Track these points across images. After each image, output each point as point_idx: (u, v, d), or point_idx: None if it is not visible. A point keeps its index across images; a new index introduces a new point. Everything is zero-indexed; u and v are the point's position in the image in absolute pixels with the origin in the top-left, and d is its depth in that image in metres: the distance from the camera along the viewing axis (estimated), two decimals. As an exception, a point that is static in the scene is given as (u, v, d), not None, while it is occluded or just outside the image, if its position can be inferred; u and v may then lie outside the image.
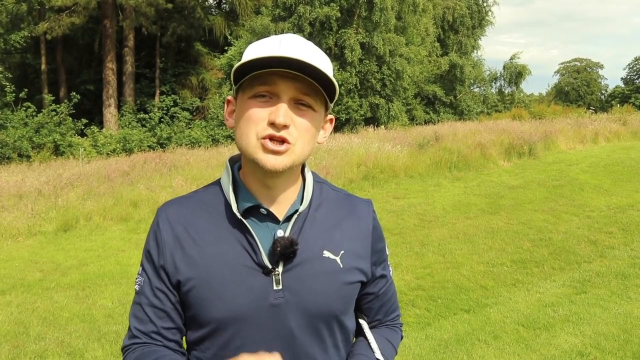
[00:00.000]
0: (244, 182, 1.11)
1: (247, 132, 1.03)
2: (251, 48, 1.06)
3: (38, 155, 19.64)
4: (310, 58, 1.00)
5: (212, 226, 1.09)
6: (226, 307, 1.05)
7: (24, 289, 5.88)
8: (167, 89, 28.27)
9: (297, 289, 1.07)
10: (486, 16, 35.37)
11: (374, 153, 12.45)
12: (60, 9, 24.77)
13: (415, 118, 29.49)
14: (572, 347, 4.05)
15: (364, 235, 1.18)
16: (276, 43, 1.03)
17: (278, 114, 0.99)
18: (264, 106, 1.02)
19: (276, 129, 1.00)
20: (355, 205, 1.21)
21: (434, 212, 8.98)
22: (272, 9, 25.72)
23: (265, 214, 1.09)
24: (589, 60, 68.52)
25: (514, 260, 6.38)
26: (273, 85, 1.01)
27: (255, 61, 0.98)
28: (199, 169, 11.91)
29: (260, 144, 1.01)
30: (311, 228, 1.11)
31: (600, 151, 14.89)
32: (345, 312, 1.15)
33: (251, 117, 1.02)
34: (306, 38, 7.11)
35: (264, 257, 1.06)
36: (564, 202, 9.34)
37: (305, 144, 1.05)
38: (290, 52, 0.99)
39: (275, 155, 1.01)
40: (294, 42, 1.03)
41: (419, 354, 4.08)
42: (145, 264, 1.13)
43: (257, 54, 1.01)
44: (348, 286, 1.13)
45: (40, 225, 8.50)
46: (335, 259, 1.11)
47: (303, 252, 1.07)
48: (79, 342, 4.44)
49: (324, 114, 1.10)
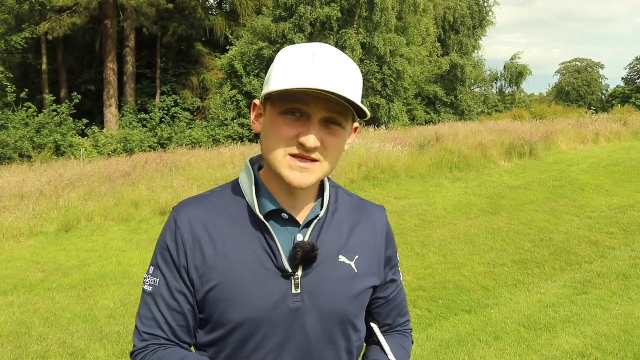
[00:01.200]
0: (266, 185, 1.11)
1: (275, 147, 1.03)
2: (284, 60, 1.04)
3: (39, 156, 19.65)
4: (343, 82, 0.99)
5: (232, 227, 1.08)
6: (245, 309, 1.05)
7: (25, 289, 5.89)
8: (168, 89, 28.28)
9: (315, 293, 1.08)
10: (487, 16, 35.35)
11: (375, 153, 12.46)
12: (62, 9, 24.79)
13: (416, 118, 29.49)
14: (573, 348, 4.05)
15: (377, 241, 1.20)
16: (309, 60, 1.00)
17: (309, 138, 1.00)
18: (294, 124, 1.02)
19: (305, 150, 1.01)
20: (370, 210, 1.23)
21: (435, 212, 8.98)
22: (273, 9, 25.73)
23: (287, 218, 1.10)
24: (590, 60, 68.52)
25: (515, 261, 6.38)
26: (305, 105, 1.01)
27: (287, 87, 0.98)
28: (200, 170, 11.92)
29: (288, 161, 1.02)
30: (328, 233, 1.12)
31: (601, 152, 14.89)
32: (359, 317, 1.17)
33: (281, 134, 1.02)
34: (307, 38, 7.19)
35: (284, 261, 1.06)
36: (564, 202, 9.34)
37: (334, 161, 1.06)
38: (324, 79, 0.98)
39: (302, 172, 1.02)
40: (327, 60, 1.01)
41: (420, 354, 4.08)
42: (161, 264, 1.10)
43: (291, 74, 1.00)
44: (362, 291, 1.15)
45: (41, 226, 8.52)
46: (350, 264, 1.12)
47: (321, 257, 1.09)
48: (81, 342, 4.45)
49: (351, 128, 1.11)
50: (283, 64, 1.03)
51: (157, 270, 1.10)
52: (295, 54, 1.03)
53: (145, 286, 1.12)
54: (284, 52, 1.06)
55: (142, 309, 1.11)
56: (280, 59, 1.04)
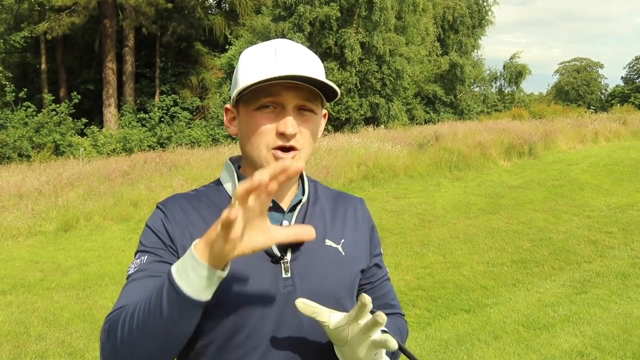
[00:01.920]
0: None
1: (257, 144, 1.07)
2: (247, 60, 1.08)
3: (38, 155, 19.64)
4: (308, 67, 1.05)
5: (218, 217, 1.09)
6: (236, 294, 1.05)
7: (24, 289, 5.88)
8: (167, 89, 28.28)
9: (304, 277, 1.09)
10: (486, 16, 35.35)
11: (374, 153, 12.46)
12: (60, 8, 24.80)
13: (415, 118, 29.49)
14: (572, 347, 4.05)
15: (361, 227, 1.23)
16: (271, 53, 1.05)
17: (287, 125, 1.03)
18: (270, 117, 1.05)
19: (286, 140, 1.05)
20: (350, 200, 1.27)
21: (434, 212, 8.98)
22: (272, 9, 25.71)
23: (271, 206, 1.10)
24: (589, 59, 68.57)
25: (514, 260, 6.38)
26: (277, 96, 1.04)
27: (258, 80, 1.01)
28: (199, 169, 11.91)
29: (272, 155, 1.06)
30: (312, 218, 1.15)
31: (600, 151, 14.90)
32: (349, 302, 1.17)
33: (260, 129, 1.05)
34: (306, 38, 7.18)
35: (273, 246, 1.07)
36: (564, 202, 9.34)
37: (309, 147, 1.10)
38: (290, 67, 1.03)
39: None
40: (289, 51, 1.06)
41: (419, 354, 4.08)
42: (148, 245, 1.07)
43: (257, 69, 1.04)
44: (351, 273, 1.17)
45: (40, 225, 8.51)
46: (337, 247, 1.15)
47: (307, 241, 1.10)
48: (80, 342, 4.45)
49: (321, 113, 1.14)
50: (247, 62, 1.07)
51: (144, 252, 1.07)
52: (257, 51, 1.08)
53: (130, 269, 1.06)
54: (246, 52, 1.10)
55: (124, 289, 1.03)
56: (244, 59, 1.09)
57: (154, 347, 0.90)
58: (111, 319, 0.94)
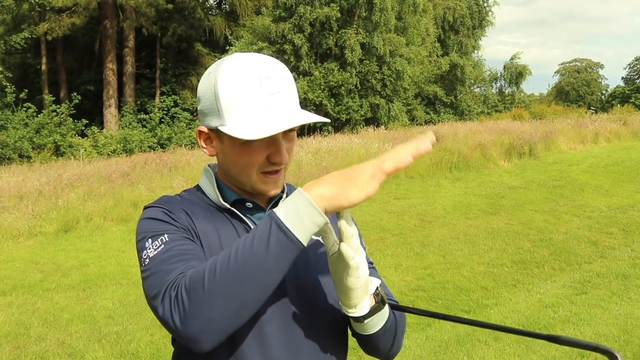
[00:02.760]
0: (226, 184, 1.16)
1: (246, 171, 1.08)
2: (233, 96, 1.02)
3: (38, 156, 19.65)
4: (296, 103, 1.05)
5: (203, 218, 1.11)
6: None
7: (24, 289, 5.88)
8: (168, 90, 28.29)
9: (294, 271, 1.10)
10: (486, 16, 35.39)
11: (374, 153, 12.46)
12: (61, 9, 24.82)
13: (416, 118, 29.50)
14: (572, 348, 4.04)
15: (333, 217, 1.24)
16: (261, 95, 1.01)
17: (282, 156, 1.06)
18: (261, 148, 1.05)
19: (277, 166, 1.07)
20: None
21: (435, 212, 8.98)
22: (272, 10, 25.73)
23: (251, 207, 1.14)
24: (589, 60, 68.60)
25: (515, 261, 6.38)
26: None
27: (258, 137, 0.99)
28: (199, 170, 11.91)
29: (261, 178, 1.08)
30: None
31: (600, 151, 14.90)
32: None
33: (252, 160, 1.06)
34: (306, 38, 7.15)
35: None
36: (564, 202, 9.34)
37: (291, 160, 1.12)
38: (285, 114, 1.01)
39: (276, 182, 1.10)
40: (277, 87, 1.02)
41: (420, 354, 4.08)
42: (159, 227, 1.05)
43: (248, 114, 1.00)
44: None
45: (40, 226, 8.51)
46: (318, 238, 1.15)
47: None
48: (80, 343, 4.45)
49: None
50: (234, 99, 1.02)
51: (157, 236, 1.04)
52: (243, 85, 1.01)
53: (143, 264, 1.03)
54: (227, 83, 1.02)
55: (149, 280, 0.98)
56: (227, 91, 1.02)
57: (251, 291, 0.88)
58: (189, 277, 0.90)
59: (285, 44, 24.07)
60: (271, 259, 0.88)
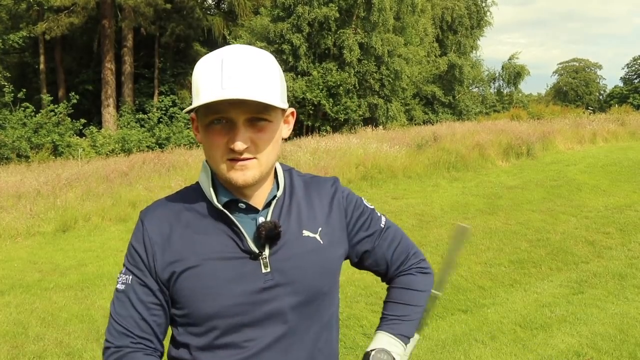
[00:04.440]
0: (221, 182, 1.16)
1: (213, 155, 1.10)
2: (197, 74, 1.08)
3: (37, 156, 19.63)
4: (253, 83, 1.03)
5: (196, 221, 1.13)
6: (220, 295, 1.08)
7: (22, 289, 5.88)
8: (166, 89, 28.27)
9: (284, 270, 1.11)
10: (485, 16, 35.42)
11: (373, 153, 12.47)
12: (59, 9, 24.77)
13: (414, 118, 29.52)
14: (569, 347, 4.07)
15: (335, 209, 1.24)
16: (217, 70, 1.04)
17: (236, 144, 1.05)
18: (221, 132, 1.07)
19: (238, 153, 1.07)
20: (322, 184, 1.28)
21: (432, 212, 9.00)
22: (271, 9, 25.73)
23: (244, 207, 1.14)
24: (587, 60, 68.71)
25: (512, 261, 6.40)
26: (225, 113, 1.05)
27: (202, 103, 1.02)
28: (197, 169, 11.91)
29: (227, 165, 1.08)
30: (288, 211, 1.17)
31: (598, 151, 14.93)
32: (332, 289, 1.21)
33: (213, 143, 1.08)
34: (305, 38, 7.13)
35: (249, 243, 1.11)
36: (561, 202, 9.36)
37: (270, 153, 1.11)
38: (234, 85, 1.02)
39: (242, 171, 1.08)
40: (235, 65, 1.04)
41: (416, 354, 4.09)
42: (131, 266, 1.15)
43: (203, 87, 1.04)
44: (331, 261, 1.20)
45: (39, 226, 8.51)
46: (315, 236, 1.17)
47: (284, 234, 1.13)
48: (78, 342, 4.45)
49: (281, 116, 1.14)
50: (197, 76, 1.08)
51: (129, 271, 1.15)
52: (205, 63, 1.07)
53: (118, 285, 1.17)
54: (198, 63, 1.10)
55: (116, 305, 1.16)
56: (195, 71, 1.09)
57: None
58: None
59: (284, 43, 24.07)
60: None
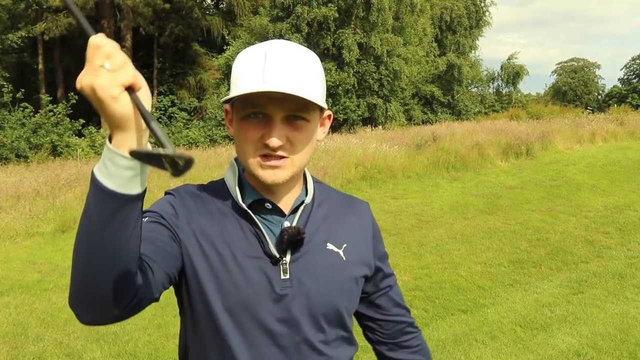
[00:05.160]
0: (248, 181, 1.13)
1: (245, 150, 1.06)
2: (238, 65, 1.05)
3: (36, 156, 19.59)
4: (296, 79, 1.00)
5: (220, 218, 1.10)
6: (234, 294, 1.05)
7: (22, 290, 5.88)
8: (165, 89, 28.25)
9: (303, 279, 1.08)
10: (484, 16, 35.43)
11: (372, 153, 12.47)
12: (58, 9, 24.74)
13: (413, 118, 29.50)
14: (569, 347, 4.07)
15: (365, 232, 1.21)
16: (260, 62, 1.01)
17: (272, 140, 1.01)
18: (257, 126, 1.03)
19: (271, 150, 1.03)
20: (355, 204, 1.25)
21: (432, 212, 9.00)
22: (270, 9, 25.72)
23: (270, 208, 1.11)
24: (586, 60, 68.74)
25: (512, 261, 6.40)
26: (263, 108, 1.02)
27: (241, 93, 0.99)
28: (196, 170, 11.90)
29: (258, 161, 1.05)
30: (315, 221, 1.14)
31: (597, 151, 14.94)
32: (348, 310, 1.17)
33: (247, 137, 1.04)
34: (304, 38, 7.17)
35: (271, 247, 1.07)
36: (561, 202, 9.37)
37: (304, 154, 1.08)
38: (276, 79, 0.99)
39: (274, 170, 1.04)
40: (279, 60, 1.01)
41: (417, 354, 4.09)
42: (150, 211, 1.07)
43: (244, 78, 1.01)
44: (351, 280, 1.15)
45: (38, 226, 8.50)
46: (339, 251, 1.14)
47: (307, 243, 1.10)
48: (78, 343, 4.45)
49: (319, 117, 1.11)
50: (238, 67, 1.05)
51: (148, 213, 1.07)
52: (248, 55, 1.04)
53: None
54: (239, 55, 1.07)
55: None
56: (236, 63, 1.06)
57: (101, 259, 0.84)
58: None
59: (283, 44, 24.04)
60: (94, 214, 0.81)
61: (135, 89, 0.75)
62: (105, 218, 0.80)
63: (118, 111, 0.74)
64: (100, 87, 0.72)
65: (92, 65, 0.73)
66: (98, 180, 0.79)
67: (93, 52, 0.73)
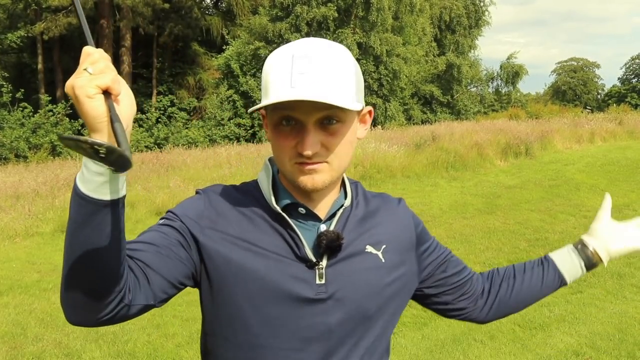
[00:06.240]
0: (282, 184, 1.10)
1: (280, 157, 1.04)
2: (266, 70, 1.02)
3: (35, 156, 19.60)
4: (324, 82, 0.96)
5: (252, 219, 1.07)
6: (268, 298, 1.03)
7: (21, 290, 5.88)
8: (164, 89, 28.24)
9: (339, 284, 1.06)
10: (483, 16, 35.43)
11: (371, 153, 12.47)
12: (57, 9, 24.74)
13: (412, 118, 29.52)
14: (568, 347, 4.07)
15: (404, 228, 1.18)
16: (287, 67, 0.97)
17: (304, 147, 0.98)
18: (290, 133, 1.00)
19: (307, 157, 1.00)
20: (391, 201, 1.22)
21: (431, 212, 9.00)
22: (269, 9, 25.72)
23: (304, 212, 1.08)
24: (586, 59, 68.78)
25: (511, 260, 6.40)
26: (294, 112, 0.98)
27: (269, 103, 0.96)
28: (196, 170, 11.90)
29: (296, 168, 1.02)
30: (353, 223, 1.11)
31: (596, 151, 14.96)
32: (386, 312, 1.13)
33: (281, 145, 1.02)
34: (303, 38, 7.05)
35: (307, 251, 1.04)
36: (560, 201, 9.38)
37: (343, 157, 1.04)
38: (304, 85, 0.95)
39: (312, 175, 1.01)
40: (306, 62, 0.96)
41: (416, 353, 4.10)
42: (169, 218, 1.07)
43: (272, 85, 0.98)
44: (389, 283, 1.12)
45: (37, 226, 8.49)
46: (377, 253, 1.10)
47: (346, 247, 1.07)
48: (77, 343, 4.45)
49: (356, 115, 1.06)
50: (266, 72, 1.01)
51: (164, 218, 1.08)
52: (275, 59, 1.00)
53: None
54: (267, 59, 1.03)
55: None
56: (265, 68, 1.03)
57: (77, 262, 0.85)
58: None
59: (282, 43, 23.83)
60: (72, 217, 0.84)
61: (113, 93, 0.81)
62: (80, 220, 0.83)
63: (91, 110, 0.79)
64: (78, 86, 0.79)
65: (78, 69, 0.82)
66: (75, 184, 0.83)
67: (83, 58, 0.82)
